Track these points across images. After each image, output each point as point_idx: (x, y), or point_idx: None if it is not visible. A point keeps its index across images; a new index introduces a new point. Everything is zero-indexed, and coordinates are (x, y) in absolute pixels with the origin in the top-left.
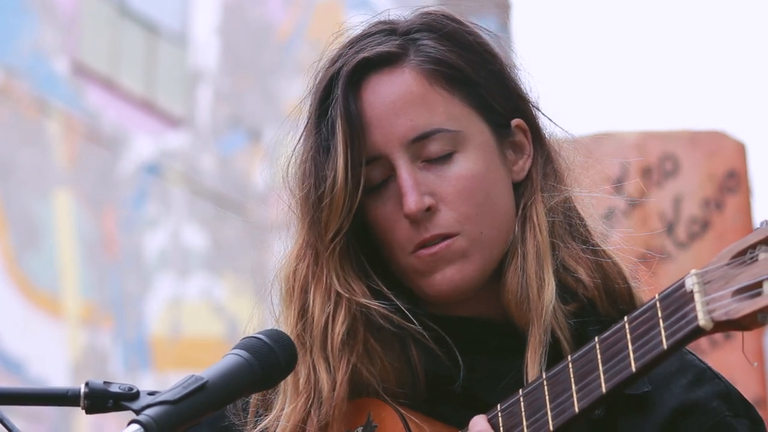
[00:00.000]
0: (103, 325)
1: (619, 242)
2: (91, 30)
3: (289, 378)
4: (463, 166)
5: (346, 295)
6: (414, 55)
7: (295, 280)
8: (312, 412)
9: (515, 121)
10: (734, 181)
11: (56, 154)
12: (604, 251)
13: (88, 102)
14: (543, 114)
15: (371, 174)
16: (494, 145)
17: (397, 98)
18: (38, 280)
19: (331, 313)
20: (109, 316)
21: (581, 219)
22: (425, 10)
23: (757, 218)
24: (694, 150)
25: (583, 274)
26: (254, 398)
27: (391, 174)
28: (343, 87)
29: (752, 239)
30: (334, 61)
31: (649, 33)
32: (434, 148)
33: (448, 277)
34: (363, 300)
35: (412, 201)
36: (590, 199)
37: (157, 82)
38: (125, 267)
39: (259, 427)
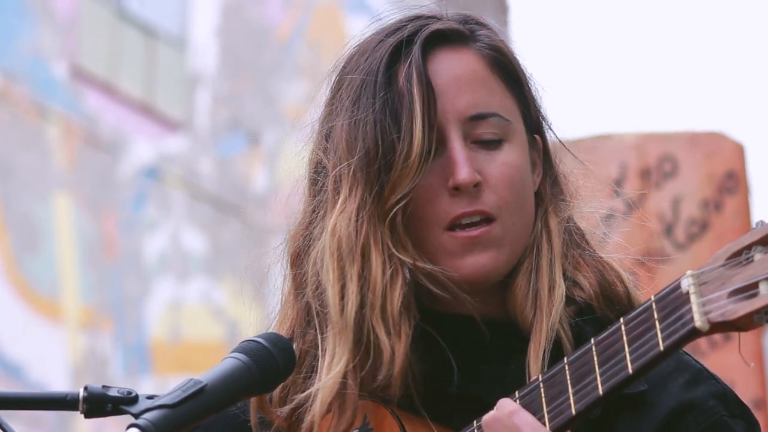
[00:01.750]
0: (102, 328)
1: (618, 243)
2: (90, 33)
3: (344, 333)
4: (509, 154)
5: (409, 261)
6: (474, 41)
7: (353, 241)
8: (364, 373)
9: (536, 136)
10: (733, 182)
11: (56, 157)
12: (601, 257)
13: (87, 106)
14: (554, 134)
15: None
16: (527, 148)
17: (462, 74)
18: (38, 284)
19: (389, 279)
20: (108, 319)
21: (579, 230)
22: (462, 13)
23: (756, 219)
24: (693, 151)
25: (581, 278)
26: None
27: (438, 147)
28: (419, 51)
29: (747, 240)
30: (391, 33)
31: (648, 34)
32: (487, 131)
33: (481, 262)
34: (428, 266)
35: (466, 172)
36: (589, 209)
37: (156, 86)
38: (125, 270)
39: (311, 390)
